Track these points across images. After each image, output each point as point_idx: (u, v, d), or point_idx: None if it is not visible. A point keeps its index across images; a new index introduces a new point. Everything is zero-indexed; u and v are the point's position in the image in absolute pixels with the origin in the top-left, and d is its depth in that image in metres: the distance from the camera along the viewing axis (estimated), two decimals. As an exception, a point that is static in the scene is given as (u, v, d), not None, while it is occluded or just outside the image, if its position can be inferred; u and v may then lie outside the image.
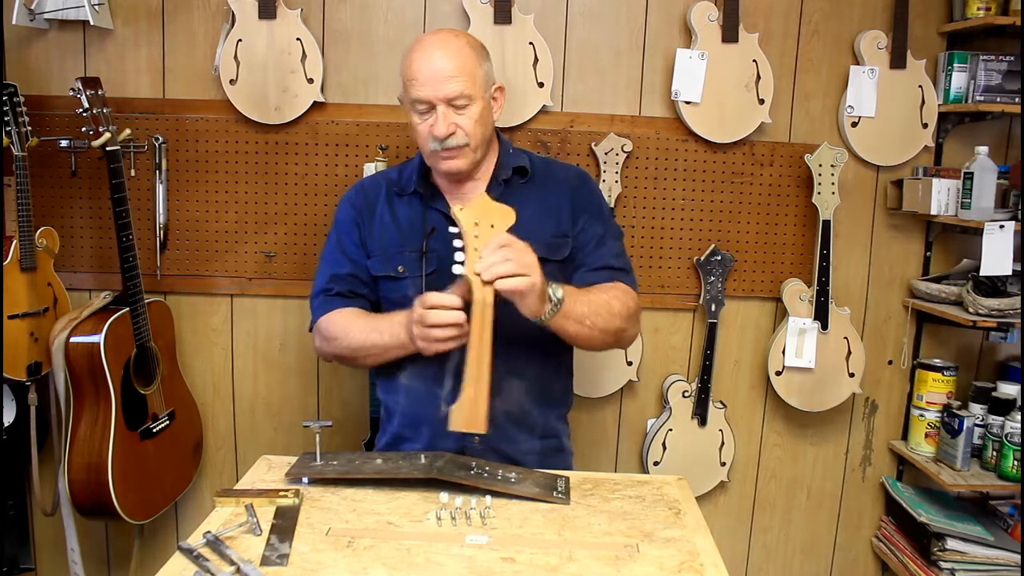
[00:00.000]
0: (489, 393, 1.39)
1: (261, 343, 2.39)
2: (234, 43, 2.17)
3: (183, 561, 1.16)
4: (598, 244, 1.65)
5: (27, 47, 2.23)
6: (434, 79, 1.52)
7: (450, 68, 1.53)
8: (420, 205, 1.66)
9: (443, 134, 1.53)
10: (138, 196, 2.26)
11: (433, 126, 1.54)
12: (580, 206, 1.67)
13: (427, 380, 1.61)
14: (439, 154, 1.57)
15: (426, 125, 1.55)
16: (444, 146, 1.55)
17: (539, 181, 1.69)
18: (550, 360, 1.68)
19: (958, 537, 2.20)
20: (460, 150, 1.57)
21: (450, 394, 1.58)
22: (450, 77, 1.52)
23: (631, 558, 1.21)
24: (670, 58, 2.26)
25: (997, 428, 2.21)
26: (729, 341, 2.42)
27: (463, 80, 1.53)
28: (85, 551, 2.19)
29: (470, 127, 1.55)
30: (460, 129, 1.55)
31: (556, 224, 1.65)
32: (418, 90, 1.54)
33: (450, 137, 1.54)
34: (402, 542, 1.23)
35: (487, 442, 1.60)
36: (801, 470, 2.50)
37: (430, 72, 1.52)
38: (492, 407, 1.59)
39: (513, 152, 1.70)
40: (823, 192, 2.25)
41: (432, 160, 1.61)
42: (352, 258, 1.69)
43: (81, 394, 2.02)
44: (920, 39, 2.29)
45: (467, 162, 1.59)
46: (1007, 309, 2.12)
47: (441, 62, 1.53)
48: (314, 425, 1.48)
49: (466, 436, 1.60)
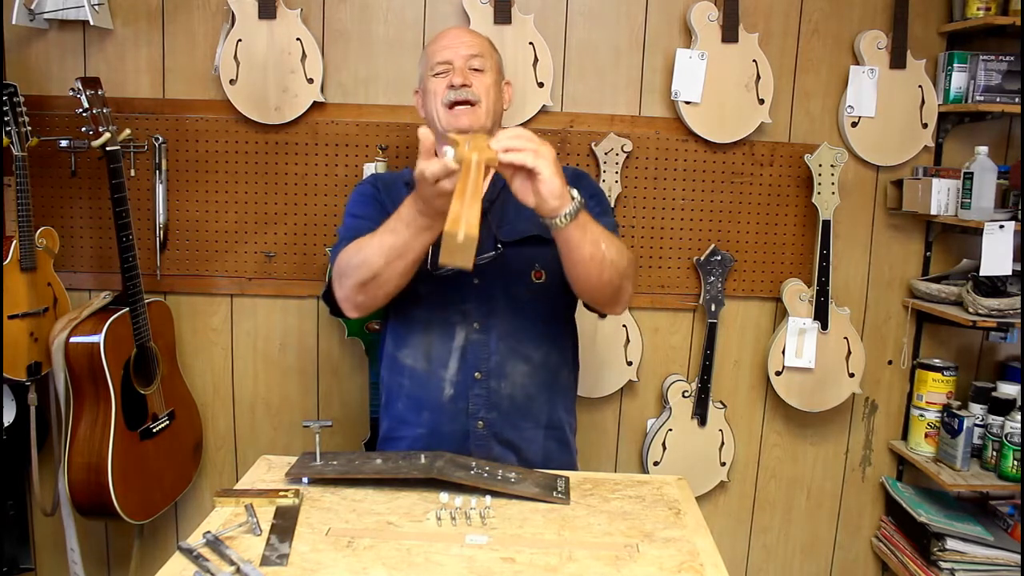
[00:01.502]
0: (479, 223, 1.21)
1: (261, 343, 2.39)
2: (234, 43, 2.17)
3: (183, 561, 1.16)
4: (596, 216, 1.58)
5: (27, 47, 2.23)
6: (456, 41, 1.65)
7: (471, 36, 1.69)
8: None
9: (459, 82, 1.59)
10: (138, 196, 2.26)
11: (451, 76, 1.60)
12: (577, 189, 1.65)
13: (431, 362, 1.61)
14: (451, 110, 1.60)
15: (443, 80, 1.62)
16: (458, 96, 1.59)
17: None
18: (555, 346, 1.67)
19: (958, 537, 2.20)
20: (472, 108, 1.60)
21: (455, 375, 1.59)
22: (470, 42, 1.66)
23: (631, 558, 1.21)
24: (670, 58, 2.26)
25: (997, 428, 2.21)
26: (729, 341, 2.42)
27: (480, 48, 1.66)
28: (85, 551, 2.19)
29: (483, 88, 1.61)
30: (476, 85, 1.61)
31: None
32: (441, 52, 1.64)
33: (464, 88, 1.59)
34: (402, 542, 1.23)
35: (490, 427, 1.60)
36: (801, 470, 2.50)
37: (453, 37, 1.67)
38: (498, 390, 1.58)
39: None
40: (823, 192, 2.25)
41: (446, 118, 1.60)
42: (373, 218, 1.56)
43: (81, 394, 2.02)
44: (920, 39, 2.29)
45: (477, 120, 1.59)
46: (1007, 309, 2.12)
47: (463, 31, 1.72)
48: (314, 425, 1.48)
49: (468, 421, 1.60)
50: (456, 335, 1.61)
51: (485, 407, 1.61)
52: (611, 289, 1.50)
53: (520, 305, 1.58)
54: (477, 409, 1.61)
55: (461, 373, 1.60)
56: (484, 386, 1.60)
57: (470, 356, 1.60)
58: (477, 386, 1.60)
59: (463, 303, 1.61)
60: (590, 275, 1.46)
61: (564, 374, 1.72)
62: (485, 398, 1.61)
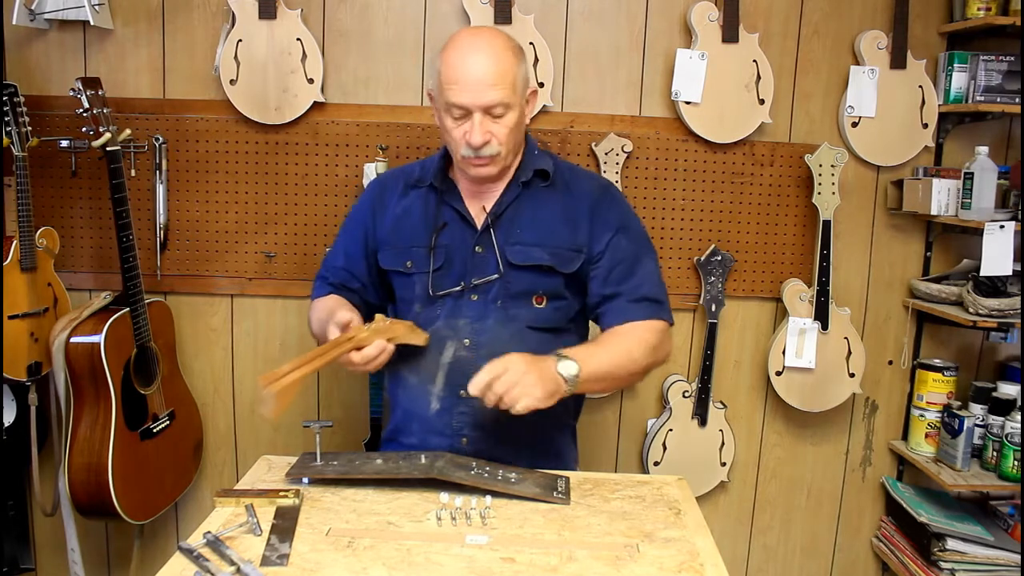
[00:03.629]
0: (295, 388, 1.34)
1: (261, 343, 2.39)
2: (234, 43, 2.17)
3: (183, 561, 1.16)
4: (633, 265, 1.59)
5: (27, 47, 2.23)
6: (475, 86, 1.46)
7: (491, 76, 1.46)
8: (435, 200, 1.63)
9: (478, 143, 1.48)
10: (138, 196, 2.26)
11: (468, 134, 1.48)
12: (603, 220, 1.60)
13: (420, 375, 1.60)
14: (471, 160, 1.53)
15: (460, 131, 1.50)
16: (478, 155, 1.50)
17: (560, 187, 1.63)
18: None
19: (958, 537, 2.20)
20: (493, 158, 1.52)
21: (442, 391, 1.58)
22: (491, 85, 1.46)
23: (631, 558, 1.21)
24: (670, 58, 2.26)
25: (997, 428, 2.21)
26: (729, 341, 2.42)
27: (503, 89, 1.47)
28: (85, 551, 2.19)
29: (504, 136, 1.50)
30: (495, 138, 1.50)
31: (571, 236, 1.59)
32: (457, 96, 1.47)
33: (485, 146, 1.49)
34: (402, 542, 1.23)
35: (473, 445, 1.57)
36: (801, 470, 2.50)
37: (472, 78, 1.46)
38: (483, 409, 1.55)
39: (538, 154, 1.65)
40: (823, 192, 2.25)
41: (463, 164, 1.56)
42: (348, 253, 1.70)
43: (81, 394, 2.02)
44: (920, 39, 2.29)
45: (498, 169, 1.55)
46: (1007, 309, 2.12)
47: (482, 68, 1.46)
48: (314, 425, 1.49)
49: (453, 437, 1.58)
50: (445, 350, 1.58)
51: (469, 425, 1.58)
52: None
53: (516, 326, 1.55)
54: (461, 426, 1.58)
55: (447, 389, 1.58)
56: (469, 404, 1.55)
57: (457, 373, 1.56)
58: (462, 404, 1.57)
59: (456, 318, 1.58)
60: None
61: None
62: (470, 416, 1.57)
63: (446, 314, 1.59)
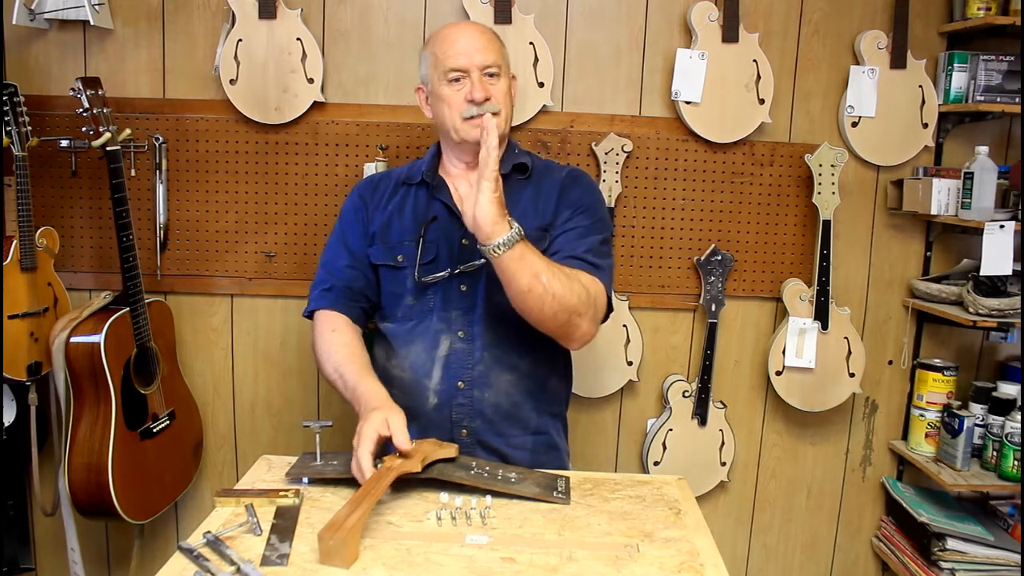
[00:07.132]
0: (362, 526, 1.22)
1: (261, 343, 2.39)
2: (234, 43, 2.17)
3: (183, 561, 1.16)
4: (580, 236, 1.60)
5: (27, 47, 2.23)
6: (471, 48, 1.58)
7: (484, 41, 1.60)
8: (425, 195, 1.67)
9: (481, 97, 1.56)
10: (138, 196, 2.26)
11: (470, 91, 1.57)
12: (568, 201, 1.65)
13: (416, 371, 1.61)
14: (474, 121, 1.56)
15: (460, 94, 1.58)
16: (480, 110, 1.56)
17: (535, 179, 1.69)
18: (543, 355, 1.66)
19: (958, 537, 2.20)
20: (495, 117, 1.55)
21: (439, 384, 1.59)
22: (484, 48, 1.59)
23: (631, 558, 1.21)
24: (670, 58, 2.26)
25: (997, 428, 2.21)
26: (729, 341, 2.42)
27: (495, 53, 1.60)
28: (85, 551, 2.19)
29: (501, 96, 1.59)
30: (494, 97, 1.58)
31: (540, 218, 1.63)
32: (455, 59, 1.58)
33: (487, 103, 1.56)
34: (402, 542, 1.23)
35: (474, 435, 1.61)
36: (801, 470, 2.50)
37: (467, 42, 1.59)
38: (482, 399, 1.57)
39: (519, 152, 1.71)
40: (823, 192, 2.25)
41: (466, 130, 1.58)
42: (352, 249, 1.69)
43: (81, 394, 2.02)
44: (920, 39, 2.29)
45: (500, 131, 1.54)
46: (1007, 309, 2.12)
47: (475, 35, 1.61)
48: (314, 425, 1.48)
49: (453, 429, 1.61)
50: (440, 344, 1.61)
51: (468, 416, 1.61)
52: (557, 324, 1.49)
53: (507, 314, 1.54)
54: (460, 418, 1.61)
55: (444, 382, 1.60)
56: (467, 395, 1.60)
57: (453, 365, 1.60)
58: (460, 395, 1.60)
59: (448, 311, 1.61)
60: (530, 308, 1.46)
61: (553, 381, 1.71)
62: (468, 407, 1.61)
63: (438, 308, 1.61)
